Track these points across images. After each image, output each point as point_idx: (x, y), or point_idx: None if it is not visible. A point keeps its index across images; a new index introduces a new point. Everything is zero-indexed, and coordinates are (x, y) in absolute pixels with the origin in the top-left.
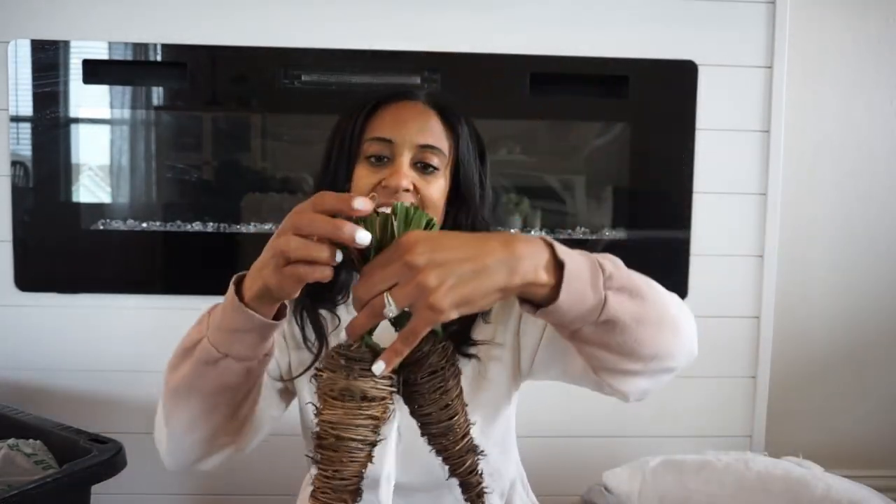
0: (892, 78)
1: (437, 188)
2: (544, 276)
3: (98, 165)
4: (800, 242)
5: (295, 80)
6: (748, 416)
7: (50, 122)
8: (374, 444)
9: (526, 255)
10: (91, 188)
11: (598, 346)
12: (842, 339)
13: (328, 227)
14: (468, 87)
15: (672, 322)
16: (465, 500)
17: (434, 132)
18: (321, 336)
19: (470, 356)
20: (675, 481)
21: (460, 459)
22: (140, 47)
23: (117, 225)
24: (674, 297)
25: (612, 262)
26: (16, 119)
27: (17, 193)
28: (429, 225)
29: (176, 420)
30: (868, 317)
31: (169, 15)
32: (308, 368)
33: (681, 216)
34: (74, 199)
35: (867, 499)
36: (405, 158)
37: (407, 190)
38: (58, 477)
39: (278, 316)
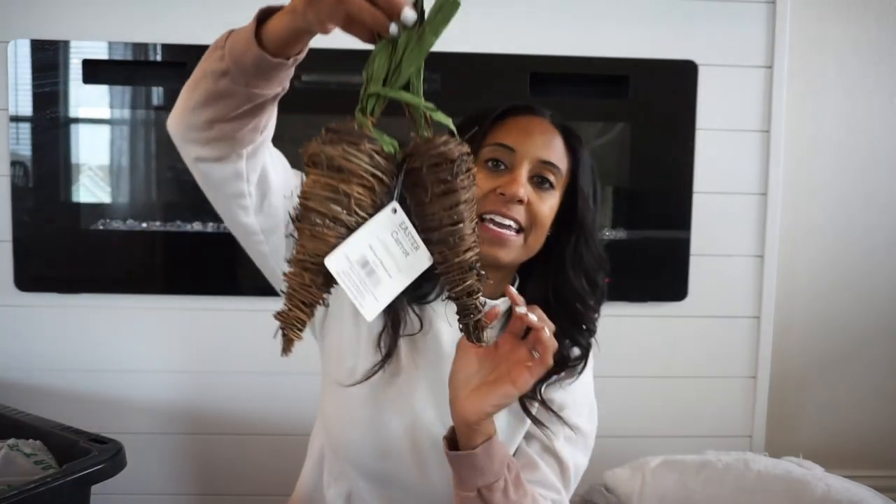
0: (893, 77)
1: (548, 206)
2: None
3: (98, 165)
4: (800, 242)
5: (295, 80)
6: (748, 416)
7: (50, 122)
8: (345, 226)
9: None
10: (91, 188)
11: None
12: (842, 338)
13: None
14: (468, 87)
15: None
16: (461, 327)
17: (556, 150)
18: (395, 331)
19: (530, 415)
20: (675, 481)
21: (460, 277)
22: (140, 47)
23: (117, 225)
24: None
25: (505, 491)
26: (16, 119)
27: (17, 193)
28: None
29: (188, 96)
30: (868, 316)
31: (169, 15)
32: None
33: (681, 216)
34: (74, 199)
35: (867, 499)
36: (524, 170)
37: (521, 201)
38: (58, 477)
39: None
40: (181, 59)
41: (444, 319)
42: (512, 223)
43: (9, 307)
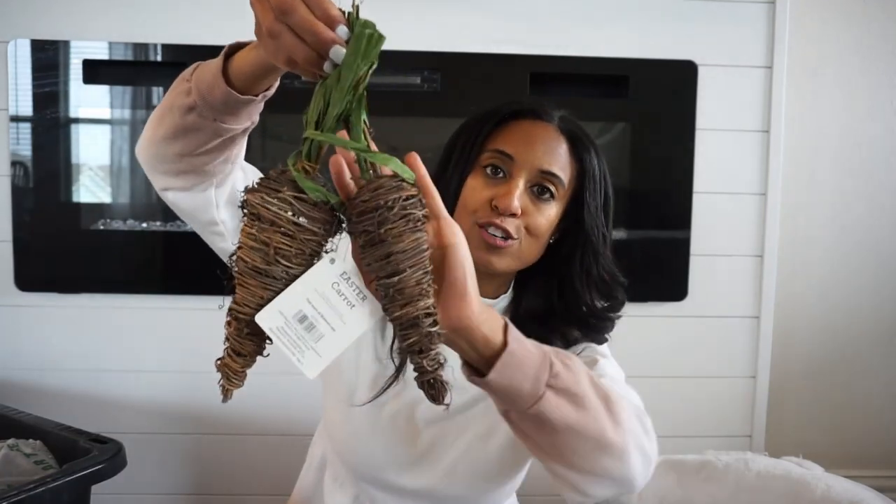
0: (893, 78)
1: (545, 218)
2: (482, 347)
3: (98, 165)
4: (800, 242)
5: (295, 79)
6: (748, 416)
7: (50, 122)
8: (270, 276)
9: (482, 322)
10: (91, 188)
11: (526, 438)
12: (842, 338)
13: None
14: (468, 87)
15: (610, 446)
16: (419, 385)
17: (559, 159)
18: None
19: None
20: (675, 481)
21: (403, 333)
22: (140, 47)
23: (117, 225)
24: (632, 421)
25: (564, 364)
26: (16, 119)
27: (17, 193)
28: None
29: (155, 127)
30: (868, 316)
31: (169, 15)
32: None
33: (681, 216)
34: (74, 199)
35: (867, 499)
36: (521, 180)
37: (514, 214)
38: (58, 477)
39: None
40: (181, 59)
41: None
42: (506, 234)
43: (9, 307)
